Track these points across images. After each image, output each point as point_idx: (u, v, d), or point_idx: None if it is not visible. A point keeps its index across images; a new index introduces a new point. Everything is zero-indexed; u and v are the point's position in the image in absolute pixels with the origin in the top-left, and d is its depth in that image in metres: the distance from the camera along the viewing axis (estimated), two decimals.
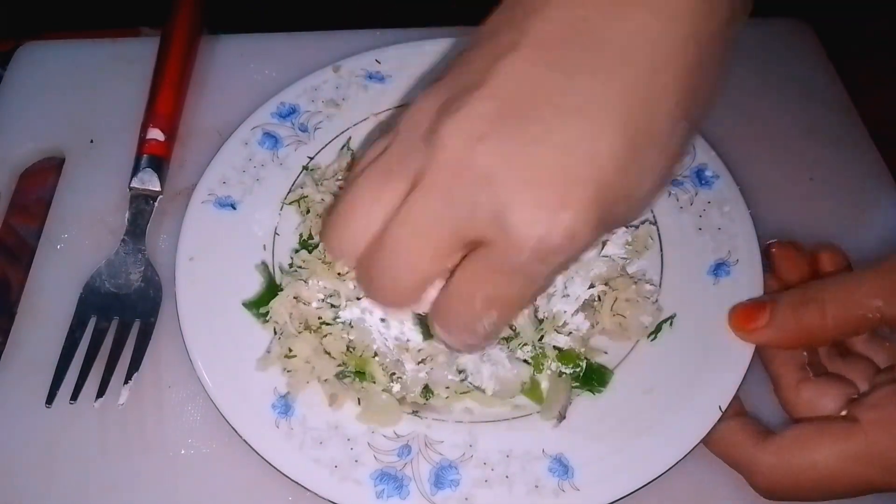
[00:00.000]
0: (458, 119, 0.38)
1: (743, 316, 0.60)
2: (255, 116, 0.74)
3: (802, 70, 0.84)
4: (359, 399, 0.57)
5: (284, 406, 0.57)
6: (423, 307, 0.46)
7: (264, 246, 0.66)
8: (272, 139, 0.72)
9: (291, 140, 0.73)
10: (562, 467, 0.55)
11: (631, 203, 0.40)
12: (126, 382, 0.61)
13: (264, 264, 0.65)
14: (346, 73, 0.77)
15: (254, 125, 0.73)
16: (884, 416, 0.51)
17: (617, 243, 0.62)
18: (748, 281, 0.63)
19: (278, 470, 0.54)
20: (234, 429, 0.56)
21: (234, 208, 0.68)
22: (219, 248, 0.65)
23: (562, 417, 0.57)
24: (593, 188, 0.37)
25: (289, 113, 0.74)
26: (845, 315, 0.53)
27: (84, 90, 0.81)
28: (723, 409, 0.56)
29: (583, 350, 0.60)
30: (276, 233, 0.67)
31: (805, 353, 0.58)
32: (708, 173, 0.70)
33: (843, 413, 0.53)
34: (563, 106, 0.37)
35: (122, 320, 0.64)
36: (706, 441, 0.56)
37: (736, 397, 0.57)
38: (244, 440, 0.55)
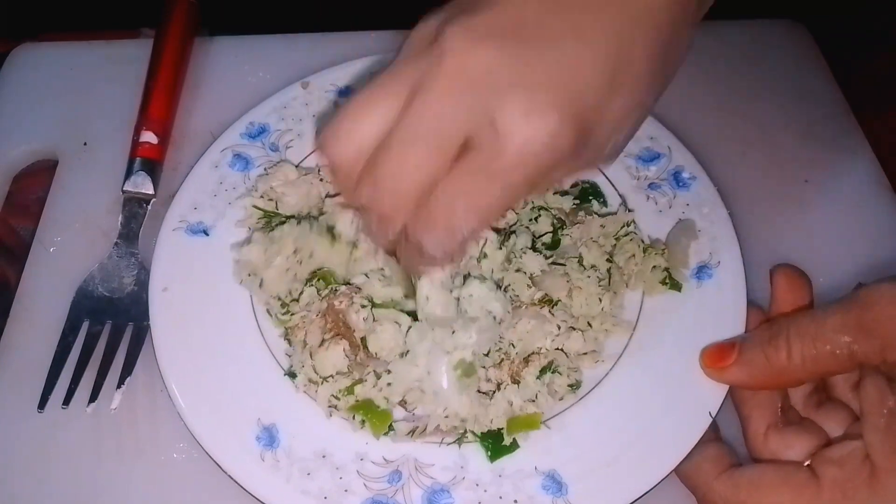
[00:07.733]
0: (462, 24, 0.41)
1: (712, 355, 0.58)
2: (225, 138, 0.72)
3: (797, 71, 0.83)
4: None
5: (269, 437, 0.56)
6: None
7: None
8: (243, 161, 0.71)
9: (263, 161, 0.71)
10: (555, 484, 0.54)
11: (602, 131, 0.44)
12: (119, 387, 0.60)
13: None
14: (316, 89, 0.76)
15: (223, 147, 0.71)
16: (842, 476, 0.49)
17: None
18: (731, 283, 0.63)
19: None
20: (218, 465, 0.55)
21: (207, 234, 0.66)
22: (193, 276, 0.63)
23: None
24: (578, 104, 0.41)
25: (259, 132, 0.73)
26: (812, 352, 0.51)
27: (78, 92, 0.80)
28: (713, 415, 0.56)
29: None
30: None
31: (779, 398, 0.56)
32: (685, 175, 0.70)
33: (807, 463, 0.52)
34: (559, 30, 0.42)
35: (114, 324, 0.63)
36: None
37: (713, 423, 0.57)
38: (230, 476, 0.54)
